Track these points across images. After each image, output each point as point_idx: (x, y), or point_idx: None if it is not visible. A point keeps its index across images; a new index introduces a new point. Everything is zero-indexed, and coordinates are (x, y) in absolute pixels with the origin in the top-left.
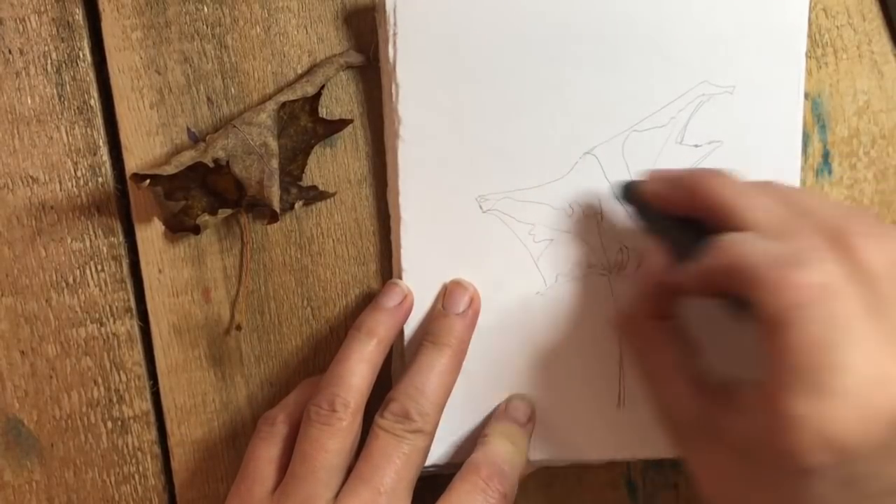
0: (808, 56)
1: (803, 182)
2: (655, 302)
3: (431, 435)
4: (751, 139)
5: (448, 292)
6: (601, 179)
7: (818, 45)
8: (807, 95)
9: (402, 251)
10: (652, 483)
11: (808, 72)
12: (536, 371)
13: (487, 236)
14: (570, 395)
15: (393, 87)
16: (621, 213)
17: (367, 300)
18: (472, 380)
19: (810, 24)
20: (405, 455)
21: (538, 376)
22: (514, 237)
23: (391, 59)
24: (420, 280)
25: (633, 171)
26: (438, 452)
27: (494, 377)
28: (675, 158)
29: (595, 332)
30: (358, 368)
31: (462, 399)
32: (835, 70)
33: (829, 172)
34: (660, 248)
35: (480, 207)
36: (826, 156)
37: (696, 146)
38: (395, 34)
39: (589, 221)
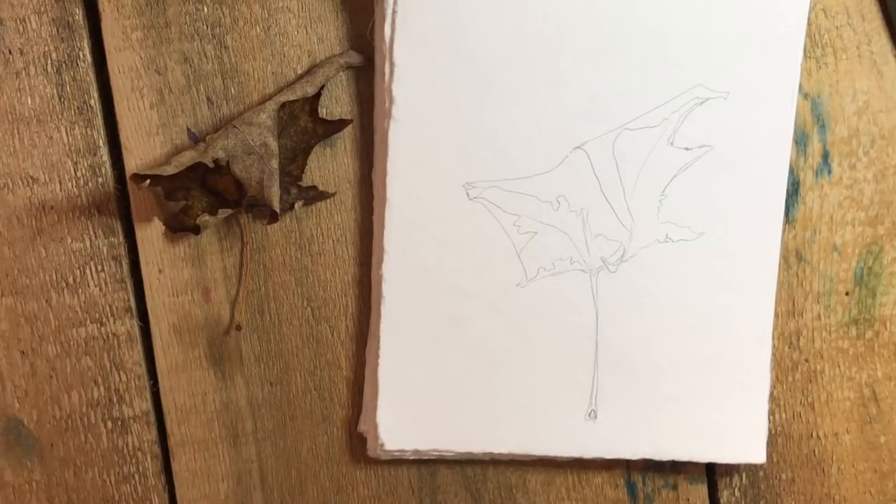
0: (808, 56)
1: (802, 182)
2: None
3: None
4: (741, 146)
5: None
6: (590, 175)
7: (818, 46)
8: (807, 95)
9: (385, 232)
10: (652, 483)
11: (808, 72)
12: (509, 363)
13: (472, 224)
14: (540, 393)
15: (387, 66)
16: (607, 211)
17: (367, 300)
18: (447, 365)
19: (810, 24)
20: None
21: (510, 368)
22: (498, 227)
23: (387, 38)
24: (401, 263)
25: (623, 168)
26: (419, 437)
27: (469, 364)
28: (666, 160)
29: (571, 330)
30: None
31: (436, 384)
32: (834, 70)
33: (829, 172)
34: None
35: (467, 194)
36: (826, 156)
37: (687, 149)
38: (394, 12)
39: (574, 217)
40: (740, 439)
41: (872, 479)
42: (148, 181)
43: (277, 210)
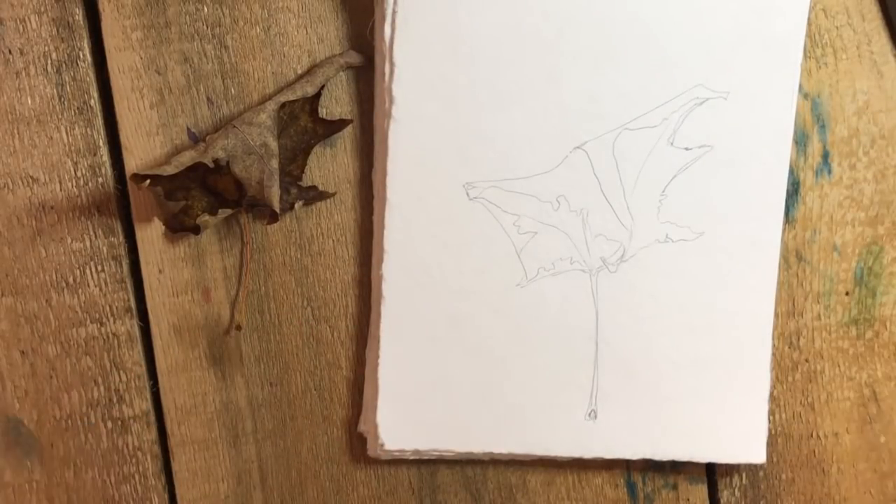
0: (808, 56)
1: (802, 182)
2: None
3: None
4: (741, 146)
5: None
6: (590, 175)
7: (818, 46)
8: (807, 95)
9: (385, 232)
10: (652, 483)
11: (808, 72)
12: (509, 363)
13: (472, 224)
14: (540, 393)
15: (387, 66)
16: (607, 211)
17: (367, 300)
18: (448, 365)
19: (810, 24)
20: None
21: (510, 368)
22: (498, 227)
23: (387, 38)
24: (401, 263)
25: (623, 168)
26: (419, 437)
27: (469, 364)
28: (666, 160)
29: (571, 330)
30: None
31: (436, 384)
32: (834, 70)
33: (829, 172)
34: None
35: (467, 195)
36: (826, 156)
37: (687, 149)
38: (394, 12)
39: (574, 217)
40: (740, 439)
41: (872, 479)
42: (148, 181)
43: (277, 210)
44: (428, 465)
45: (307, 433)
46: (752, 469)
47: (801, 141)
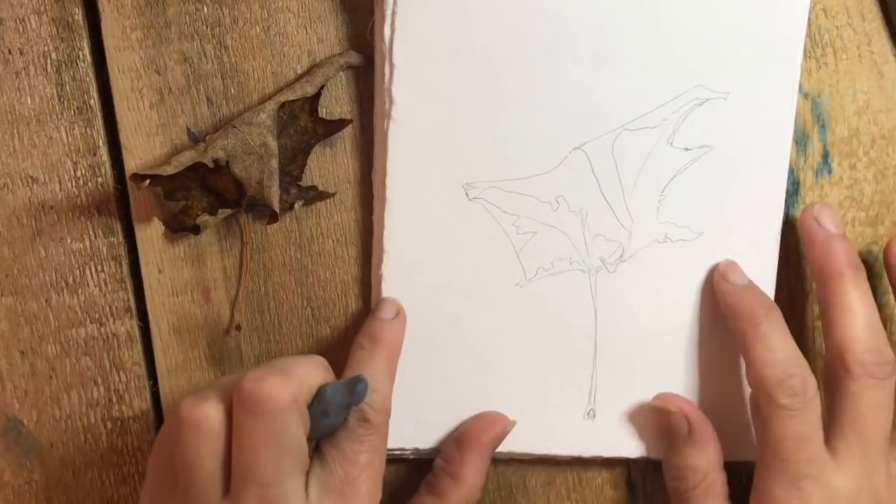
0: (808, 56)
1: (802, 182)
2: None
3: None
4: (741, 146)
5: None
6: (589, 176)
7: (818, 45)
8: (807, 95)
9: (385, 232)
10: (652, 483)
11: (808, 72)
12: (509, 363)
13: (471, 224)
14: (539, 392)
15: (387, 66)
16: (606, 211)
17: (368, 300)
18: (447, 365)
19: (810, 24)
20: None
21: (510, 368)
22: (497, 227)
23: (387, 39)
24: (400, 264)
25: (622, 169)
26: (419, 437)
27: (469, 363)
28: (665, 161)
29: (570, 330)
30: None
31: (436, 383)
32: (834, 70)
33: (829, 172)
34: None
35: (467, 195)
36: (826, 156)
37: (687, 150)
38: (394, 12)
39: (573, 217)
40: (740, 439)
41: None
42: (148, 181)
43: (277, 210)
44: (428, 465)
45: None
46: (752, 468)
47: (801, 141)
